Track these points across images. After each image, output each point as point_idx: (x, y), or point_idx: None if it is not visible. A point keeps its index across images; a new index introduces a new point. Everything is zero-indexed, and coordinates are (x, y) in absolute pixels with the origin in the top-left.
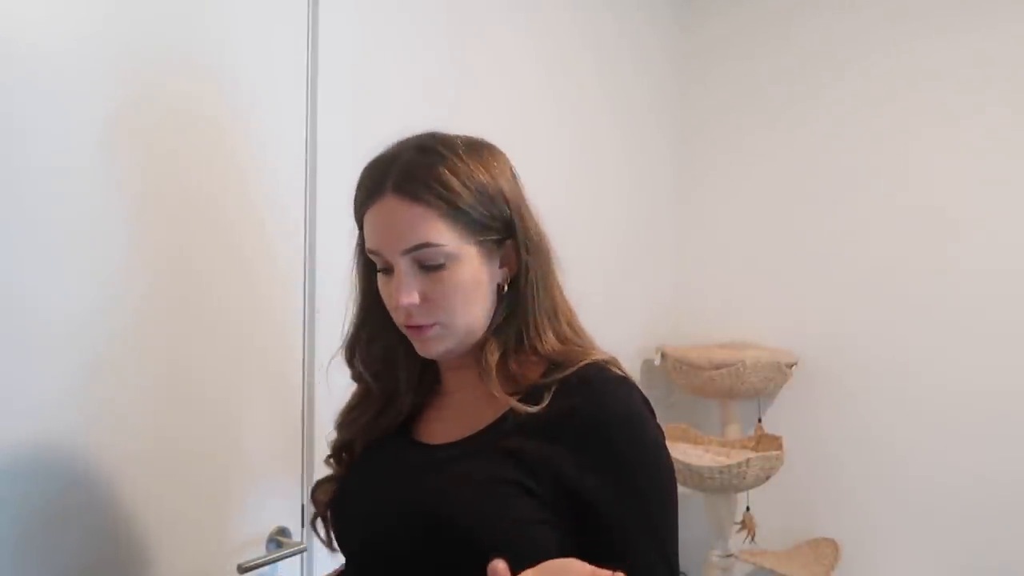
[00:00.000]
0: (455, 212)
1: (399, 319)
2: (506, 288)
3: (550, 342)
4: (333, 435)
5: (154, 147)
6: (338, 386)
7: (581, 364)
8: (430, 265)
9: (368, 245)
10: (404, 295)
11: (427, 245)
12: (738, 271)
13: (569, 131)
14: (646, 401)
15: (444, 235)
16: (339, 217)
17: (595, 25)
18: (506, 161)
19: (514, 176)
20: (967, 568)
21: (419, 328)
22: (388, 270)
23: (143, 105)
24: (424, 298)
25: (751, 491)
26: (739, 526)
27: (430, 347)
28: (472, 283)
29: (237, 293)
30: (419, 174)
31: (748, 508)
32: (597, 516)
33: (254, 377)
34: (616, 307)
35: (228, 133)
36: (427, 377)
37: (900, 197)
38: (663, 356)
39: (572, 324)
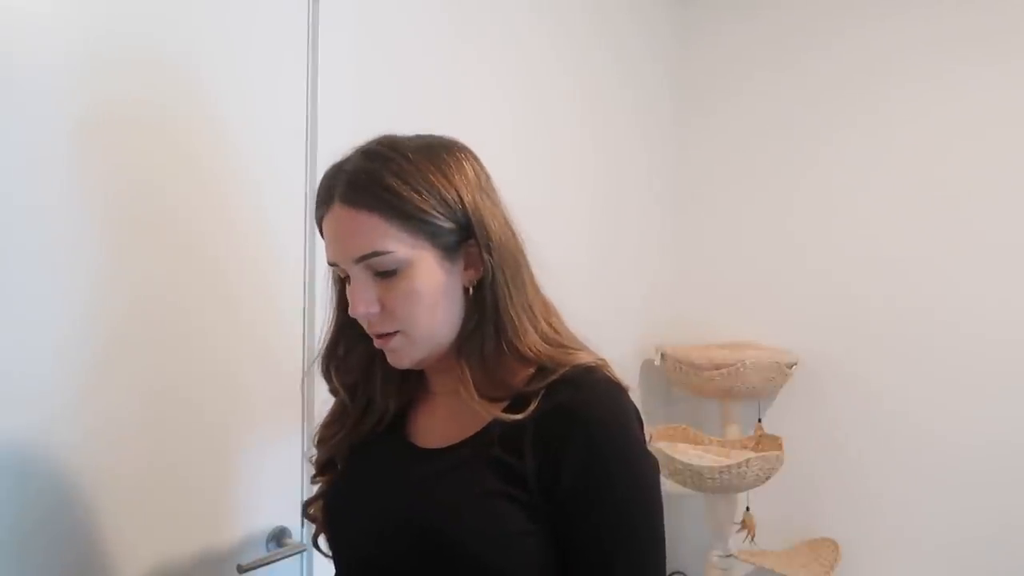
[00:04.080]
0: (403, 217)
1: (365, 328)
2: (472, 291)
3: (533, 342)
4: (314, 452)
5: (150, 153)
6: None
7: (568, 367)
8: (384, 272)
9: (326, 257)
10: (360, 304)
11: (376, 254)
12: (738, 271)
13: (569, 131)
14: (634, 408)
15: (393, 242)
16: None
17: (605, 15)
18: (468, 159)
19: (477, 175)
20: (967, 568)
21: (383, 339)
22: (349, 279)
23: (140, 111)
24: (382, 306)
25: (751, 491)
26: (739, 526)
27: (398, 359)
28: (430, 288)
29: (236, 294)
30: (363, 181)
31: (748, 508)
32: (572, 521)
33: (253, 377)
34: (616, 307)
35: (228, 137)
36: (412, 376)
37: (901, 198)
38: (663, 356)
39: (552, 323)
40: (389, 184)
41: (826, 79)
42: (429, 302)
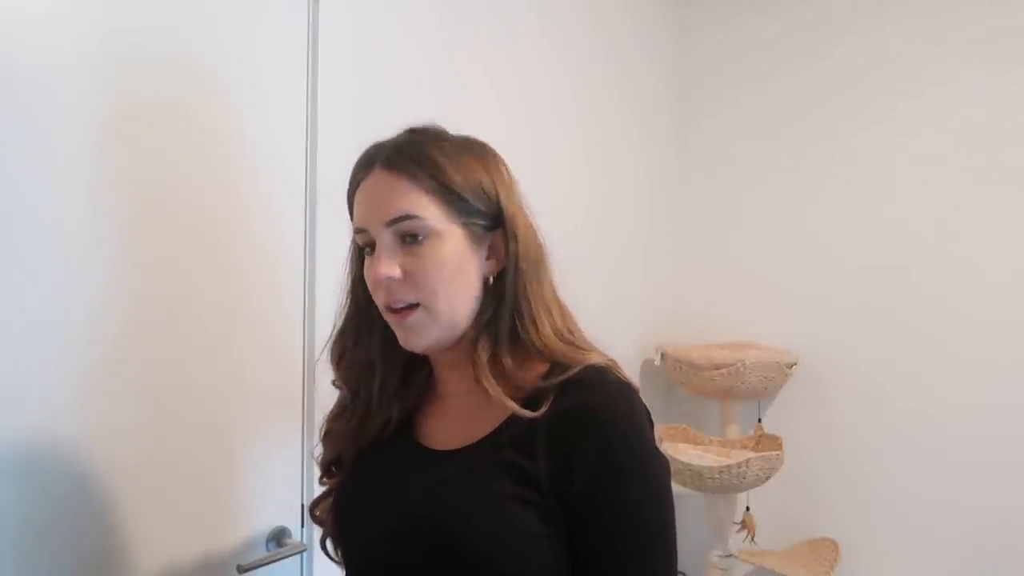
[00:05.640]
0: (441, 188)
1: (380, 299)
2: (492, 281)
3: (547, 336)
4: (319, 450)
5: (151, 151)
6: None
7: (581, 367)
8: (412, 237)
9: (355, 224)
10: (384, 267)
11: (409, 216)
12: (738, 271)
13: (567, 132)
14: (645, 409)
15: (428, 209)
16: (340, 219)
17: (604, 17)
18: (501, 162)
19: (508, 176)
20: (966, 568)
21: (400, 313)
22: (373, 249)
23: (141, 109)
24: (405, 273)
25: (751, 491)
26: (739, 526)
27: (412, 336)
28: (455, 263)
29: (237, 294)
30: (410, 150)
31: (748, 508)
32: (585, 523)
33: (255, 377)
34: (616, 307)
35: (228, 137)
36: (420, 377)
37: (901, 197)
38: (663, 356)
39: (568, 326)
40: (434, 158)
41: (824, 77)
42: (452, 277)
